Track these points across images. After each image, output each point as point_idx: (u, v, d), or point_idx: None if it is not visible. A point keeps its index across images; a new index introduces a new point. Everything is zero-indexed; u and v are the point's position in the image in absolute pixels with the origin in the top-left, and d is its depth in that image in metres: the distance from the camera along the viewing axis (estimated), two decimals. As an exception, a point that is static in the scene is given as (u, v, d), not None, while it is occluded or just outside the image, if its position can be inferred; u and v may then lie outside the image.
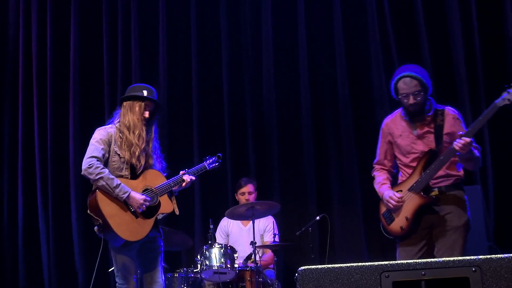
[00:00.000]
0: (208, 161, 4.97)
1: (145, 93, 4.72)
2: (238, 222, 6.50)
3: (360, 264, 2.21)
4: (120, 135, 4.61)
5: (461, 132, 4.11)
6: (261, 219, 6.36)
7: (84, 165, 4.51)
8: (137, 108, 4.67)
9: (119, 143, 4.60)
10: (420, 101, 4.29)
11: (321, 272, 2.23)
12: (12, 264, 7.54)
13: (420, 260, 2.18)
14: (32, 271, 7.47)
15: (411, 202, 4.27)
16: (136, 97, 4.72)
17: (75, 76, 7.62)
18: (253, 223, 5.92)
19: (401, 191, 4.35)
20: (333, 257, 6.46)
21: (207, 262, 5.64)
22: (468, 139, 4.02)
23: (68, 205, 7.31)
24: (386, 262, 2.19)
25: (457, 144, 4.02)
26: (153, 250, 4.65)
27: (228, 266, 5.62)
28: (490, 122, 6.18)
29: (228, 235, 6.57)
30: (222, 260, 5.63)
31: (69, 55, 7.74)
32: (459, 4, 6.60)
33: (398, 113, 4.55)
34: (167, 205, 4.66)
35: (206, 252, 5.68)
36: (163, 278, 4.68)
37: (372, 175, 4.72)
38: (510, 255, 2.09)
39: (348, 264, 2.21)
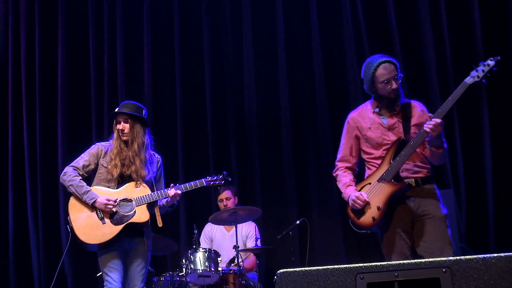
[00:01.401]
0: (208, 178, 4.84)
1: (116, 109, 4.82)
2: (222, 227, 6.50)
3: (336, 266, 2.20)
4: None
5: (431, 114, 3.89)
6: (243, 224, 6.36)
7: (62, 172, 4.72)
8: (114, 125, 4.82)
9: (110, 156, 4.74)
10: (399, 85, 4.07)
11: (298, 274, 2.23)
12: (3, 270, 7.48)
13: (393, 262, 2.18)
14: (22, 276, 7.42)
15: (382, 191, 3.97)
16: (112, 115, 4.89)
17: (63, 88, 7.62)
18: (236, 227, 5.92)
19: (369, 183, 4.07)
20: (313, 259, 6.47)
21: (192, 266, 5.63)
22: (438, 120, 3.80)
23: (57, 212, 7.28)
24: (361, 264, 2.19)
25: (428, 125, 3.82)
26: (134, 258, 4.67)
27: (212, 269, 5.61)
28: (461, 128, 6.31)
29: (212, 240, 6.56)
30: (206, 263, 5.63)
31: (57, 70, 7.73)
32: (430, 12, 6.66)
33: (363, 106, 4.30)
34: (142, 216, 4.59)
35: (191, 256, 5.68)
36: (142, 285, 4.67)
37: (335, 174, 4.38)
38: (478, 256, 2.10)
39: (325, 267, 2.21)
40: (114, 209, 4.53)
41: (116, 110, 4.80)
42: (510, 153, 6.30)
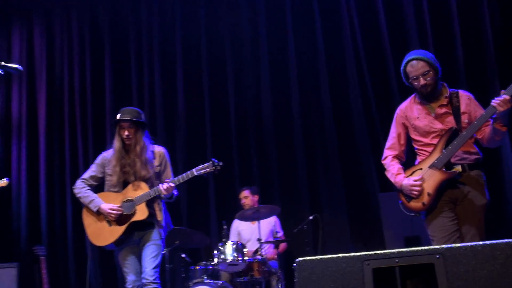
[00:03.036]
0: (199, 167, 4.44)
1: (118, 116, 4.53)
2: (248, 222, 6.49)
3: (346, 254, 2.21)
4: None
5: (503, 90, 3.40)
6: (268, 219, 6.36)
7: (73, 186, 4.65)
8: (116, 131, 4.58)
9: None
10: (431, 82, 3.62)
11: (314, 262, 2.23)
12: (64, 259, 7.57)
13: (394, 250, 2.18)
14: (79, 266, 7.47)
15: (433, 178, 3.57)
16: (114, 122, 4.60)
17: (111, 111, 7.69)
18: (259, 223, 5.93)
19: (421, 169, 3.66)
20: (324, 249, 6.45)
21: (222, 256, 5.64)
22: (508, 97, 3.33)
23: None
24: (367, 253, 2.19)
25: (495, 101, 3.36)
26: (144, 246, 4.44)
27: (240, 259, 5.62)
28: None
29: (239, 234, 6.57)
30: (235, 254, 5.63)
31: (104, 95, 7.83)
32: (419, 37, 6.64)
33: (411, 98, 3.89)
34: (141, 213, 4.37)
35: (221, 248, 5.68)
36: (154, 272, 4.39)
37: (383, 162, 3.96)
38: (467, 244, 2.10)
39: (336, 255, 2.21)
40: (117, 214, 4.39)
41: (119, 117, 4.52)
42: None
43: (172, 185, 4.34)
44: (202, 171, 4.40)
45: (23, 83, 8.14)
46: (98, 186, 4.66)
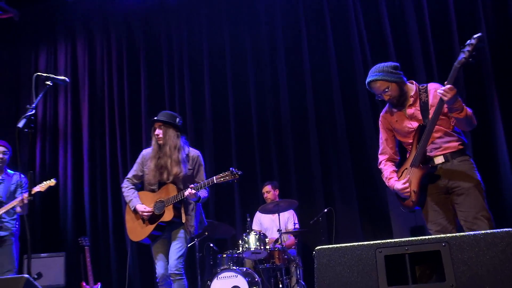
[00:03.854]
0: (218, 175, 4.25)
1: (155, 118, 4.47)
2: (269, 215, 6.50)
3: (360, 243, 2.21)
4: None
5: (446, 81, 3.23)
6: (285, 212, 6.36)
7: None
8: (151, 131, 4.49)
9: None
10: (393, 93, 3.51)
11: (331, 249, 2.25)
12: (106, 248, 7.66)
13: (404, 239, 2.18)
14: (119, 255, 7.57)
15: (414, 176, 3.45)
16: (151, 122, 4.53)
17: (146, 117, 7.75)
18: (279, 215, 5.94)
19: (406, 169, 3.53)
20: (338, 238, 6.43)
21: (246, 245, 5.66)
22: (448, 85, 3.16)
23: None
24: (379, 241, 2.20)
25: (439, 91, 3.20)
26: (173, 240, 4.37)
27: (262, 247, 5.63)
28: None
29: (261, 223, 6.58)
30: (257, 243, 5.65)
31: (140, 101, 7.90)
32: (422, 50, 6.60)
33: (388, 105, 3.74)
34: (168, 215, 4.29)
35: (245, 238, 5.71)
36: (177, 263, 4.29)
37: (379, 167, 3.82)
38: (470, 233, 2.09)
39: (352, 244, 2.23)
40: (149, 215, 4.35)
41: (155, 118, 4.47)
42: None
43: (194, 191, 4.22)
44: (222, 179, 4.24)
45: (68, 93, 8.28)
46: (143, 182, 4.61)
